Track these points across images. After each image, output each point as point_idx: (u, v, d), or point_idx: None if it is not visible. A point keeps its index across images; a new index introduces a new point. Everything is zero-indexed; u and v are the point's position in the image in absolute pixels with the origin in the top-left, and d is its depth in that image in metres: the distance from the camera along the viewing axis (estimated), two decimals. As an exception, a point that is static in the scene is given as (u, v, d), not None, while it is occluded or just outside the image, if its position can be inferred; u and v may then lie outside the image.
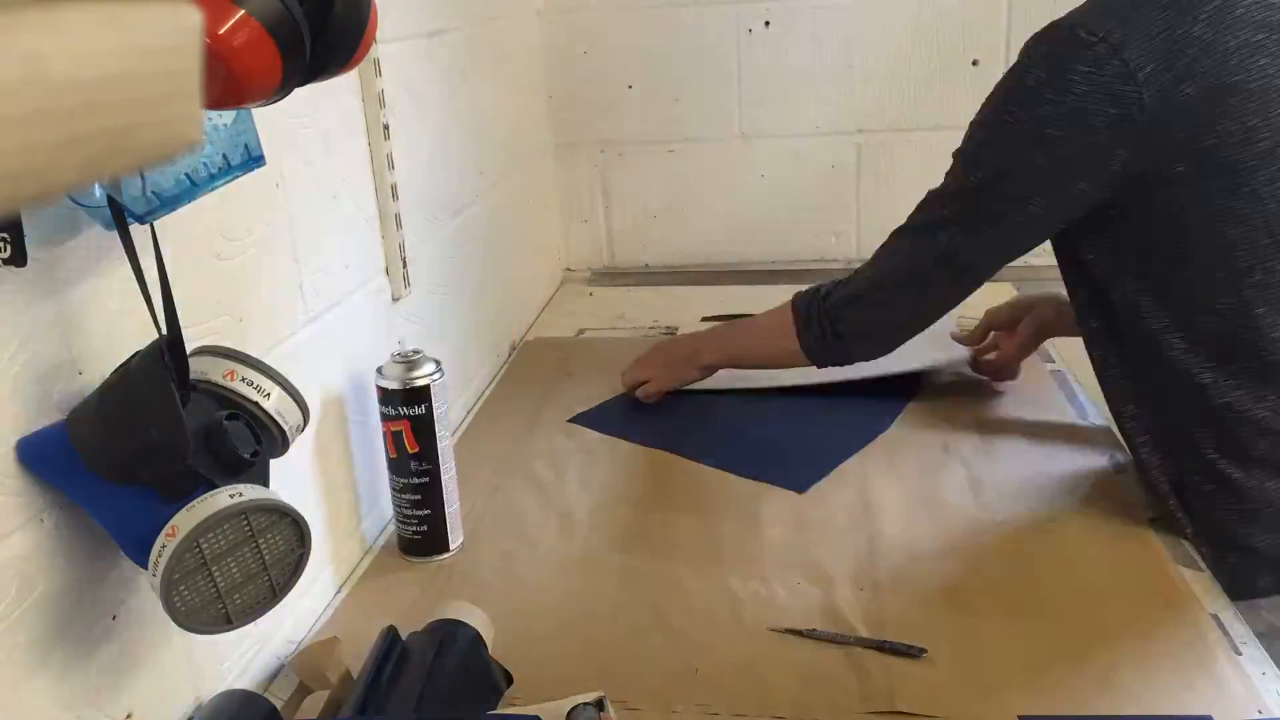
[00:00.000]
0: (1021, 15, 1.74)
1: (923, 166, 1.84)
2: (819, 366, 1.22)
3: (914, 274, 1.12)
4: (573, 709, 0.74)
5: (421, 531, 1.04)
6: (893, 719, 0.79)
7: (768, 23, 1.80)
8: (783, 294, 1.89)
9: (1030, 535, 1.03)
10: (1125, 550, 0.99)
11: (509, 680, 0.84)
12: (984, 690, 0.82)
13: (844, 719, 0.80)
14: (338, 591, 1.01)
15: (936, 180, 1.21)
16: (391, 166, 1.12)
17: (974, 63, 1.78)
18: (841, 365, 1.21)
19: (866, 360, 1.20)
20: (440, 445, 1.02)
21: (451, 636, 0.83)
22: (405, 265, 1.17)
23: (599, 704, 0.75)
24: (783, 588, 0.97)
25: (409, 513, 1.04)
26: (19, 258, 0.58)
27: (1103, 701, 0.80)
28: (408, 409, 1.00)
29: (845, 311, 1.16)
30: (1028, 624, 0.89)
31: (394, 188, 1.13)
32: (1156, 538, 1.01)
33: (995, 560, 0.99)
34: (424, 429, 1.00)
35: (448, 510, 1.04)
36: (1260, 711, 0.78)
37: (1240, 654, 0.84)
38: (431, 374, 1.00)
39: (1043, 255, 1.86)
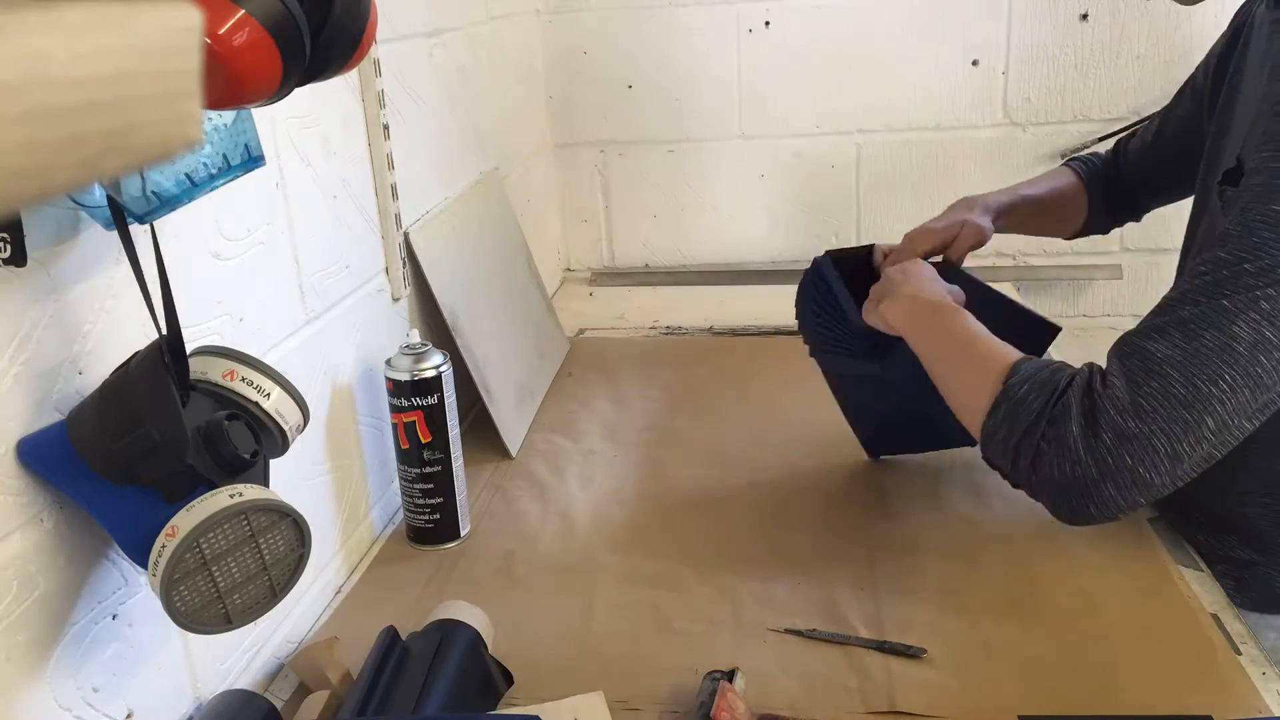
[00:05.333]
0: (1021, 15, 1.74)
1: (923, 166, 1.86)
2: None
3: None
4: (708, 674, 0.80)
5: (434, 520, 1.06)
6: (893, 719, 0.80)
7: (768, 23, 1.80)
8: (783, 294, 1.91)
9: (1030, 535, 1.03)
10: (1125, 550, 0.99)
11: (509, 680, 0.84)
12: (984, 690, 0.82)
13: (844, 719, 0.80)
14: (345, 580, 1.02)
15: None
16: (391, 166, 1.12)
17: (974, 63, 1.78)
18: None
19: None
20: (451, 434, 1.05)
21: (451, 636, 0.83)
22: (405, 265, 1.17)
23: (729, 675, 0.79)
24: (783, 588, 0.97)
25: (421, 501, 1.06)
26: (19, 258, 0.58)
27: (1103, 701, 0.80)
28: (420, 399, 1.02)
29: None
30: (1028, 624, 0.89)
31: (394, 188, 1.13)
32: (1156, 538, 1.01)
33: (995, 560, 0.99)
34: (436, 418, 1.03)
35: (458, 498, 1.07)
36: (1260, 711, 0.78)
37: (1240, 654, 0.84)
38: (440, 365, 1.03)
39: (1041, 255, 1.87)
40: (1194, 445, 0.74)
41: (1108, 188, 1.27)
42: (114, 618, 0.70)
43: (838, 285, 1.08)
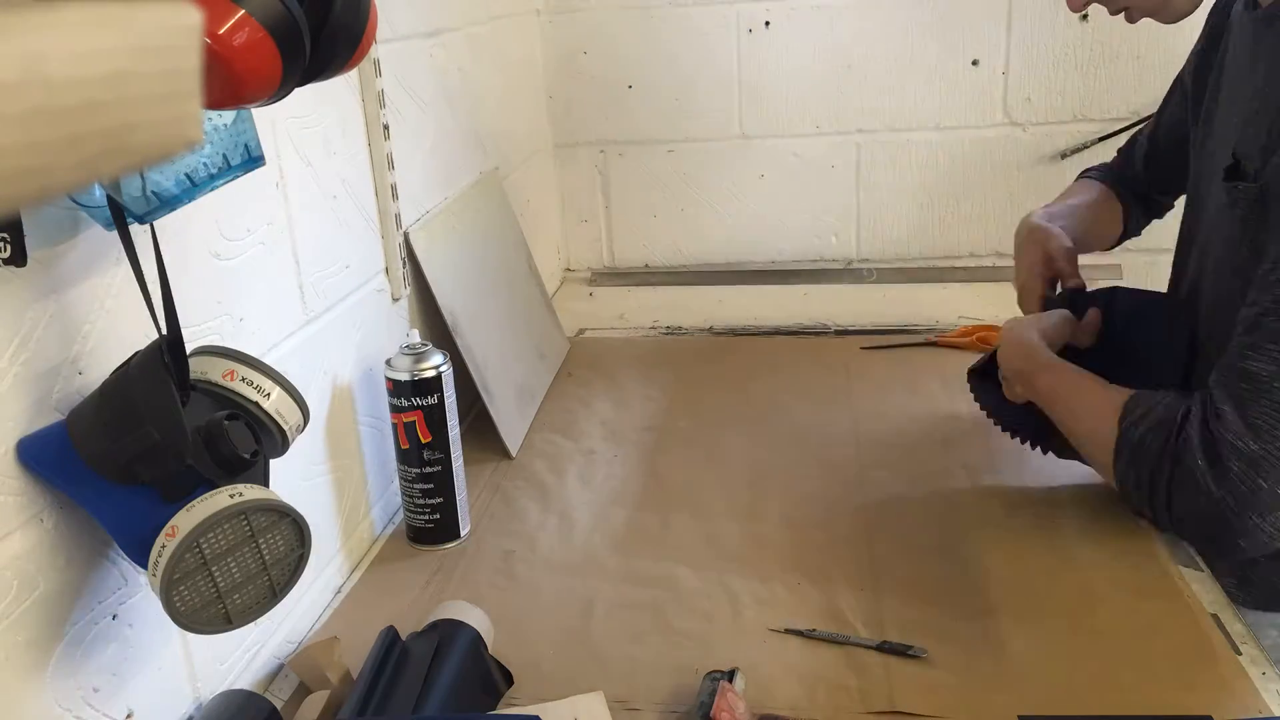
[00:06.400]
0: (1021, 15, 1.74)
1: (923, 166, 1.85)
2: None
3: None
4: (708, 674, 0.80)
5: (434, 520, 1.06)
6: (893, 719, 0.80)
7: (768, 23, 1.80)
8: (782, 294, 1.92)
9: (1030, 535, 1.03)
10: (1125, 550, 0.99)
11: (509, 680, 0.84)
12: (984, 690, 0.82)
13: (844, 719, 0.80)
14: (345, 580, 1.02)
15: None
16: (391, 166, 1.12)
17: (974, 63, 1.78)
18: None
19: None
20: (451, 434, 1.05)
21: (451, 636, 0.83)
22: (405, 265, 1.17)
23: (729, 675, 0.79)
24: (783, 588, 0.97)
25: (421, 501, 1.06)
26: (19, 258, 0.58)
27: (1103, 701, 0.80)
28: (420, 399, 1.02)
29: None
30: (1027, 624, 0.89)
31: (394, 188, 1.13)
32: (1157, 538, 1.01)
33: (995, 560, 0.99)
34: (436, 418, 1.03)
35: (458, 498, 1.07)
36: (1260, 711, 0.78)
37: (1240, 654, 0.84)
38: (440, 365, 1.03)
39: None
40: None
41: (1132, 192, 1.27)
42: (114, 618, 0.70)
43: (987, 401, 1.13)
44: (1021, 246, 1.19)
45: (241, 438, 0.66)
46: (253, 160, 0.69)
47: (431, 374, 1.02)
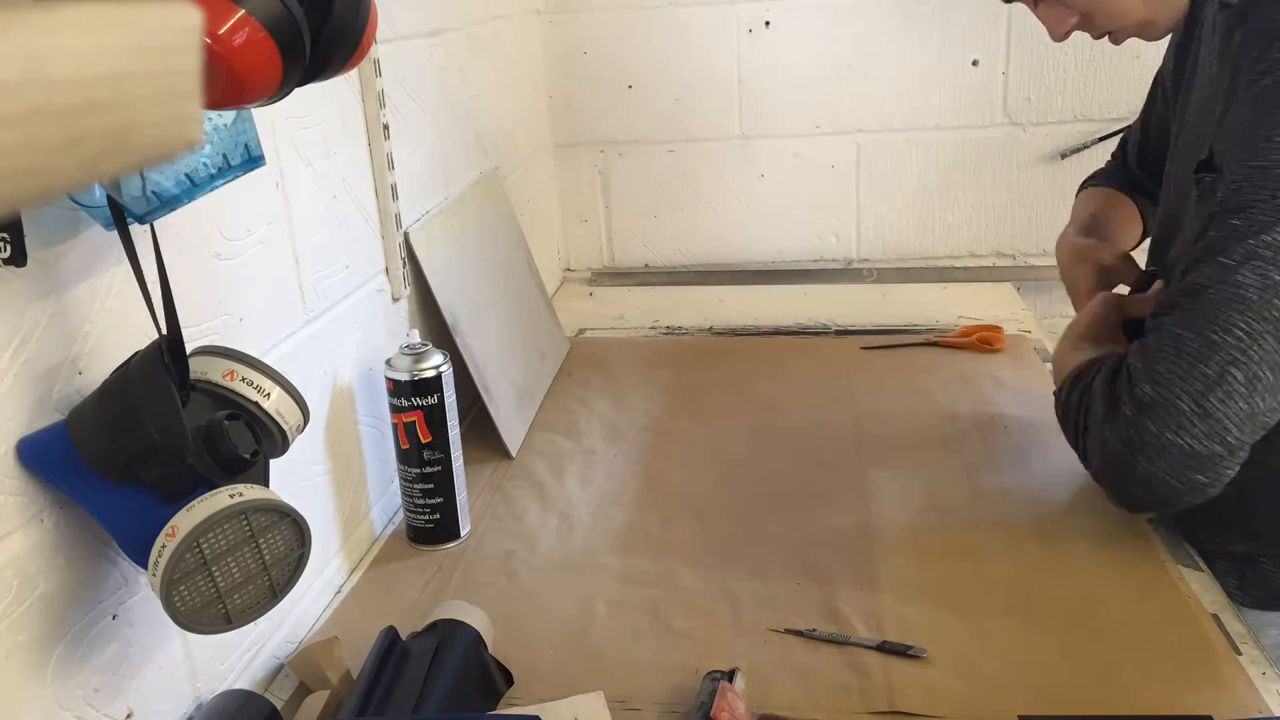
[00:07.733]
0: (1021, 15, 1.74)
1: (923, 166, 1.86)
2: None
3: None
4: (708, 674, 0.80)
5: (434, 520, 1.06)
6: (893, 719, 0.80)
7: (768, 23, 1.80)
8: (782, 294, 1.92)
9: (1030, 535, 1.03)
10: (1125, 550, 0.99)
11: (509, 680, 0.84)
12: (984, 690, 0.82)
13: (844, 719, 0.80)
14: (345, 580, 1.02)
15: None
16: (391, 166, 1.12)
17: (974, 63, 1.78)
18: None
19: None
20: (451, 434, 1.05)
21: (451, 636, 0.83)
22: (405, 265, 1.17)
23: (729, 675, 0.79)
24: (783, 588, 0.97)
25: (421, 501, 1.06)
26: (19, 258, 0.58)
27: (1103, 701, 0.80)
28: (420, 399, 1.02)
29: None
30: (1028, 624, 0.89)
31: (394, 188, 1.13)
32: (1156, 538, 1.01)
33: (995, 560, 0.99)
34: (436, 418, 1.03)
35: (459, 498, 1.07)
36: (1260, 711, 0.78)
37: (1240, 654, 0.84)
38: (440, 365, 1.03)
39: (1041, 255, 1.86)
40: (1224, 400, 0.71)
41: (1135, 189, 1.27)
42: (114, 618, 0.70)
43: None
44: (1069, 268, 1.17)
45: (241, 438, 0.66)
46: (253, 160, 0.69)
47: (431, 374, 1.02)
